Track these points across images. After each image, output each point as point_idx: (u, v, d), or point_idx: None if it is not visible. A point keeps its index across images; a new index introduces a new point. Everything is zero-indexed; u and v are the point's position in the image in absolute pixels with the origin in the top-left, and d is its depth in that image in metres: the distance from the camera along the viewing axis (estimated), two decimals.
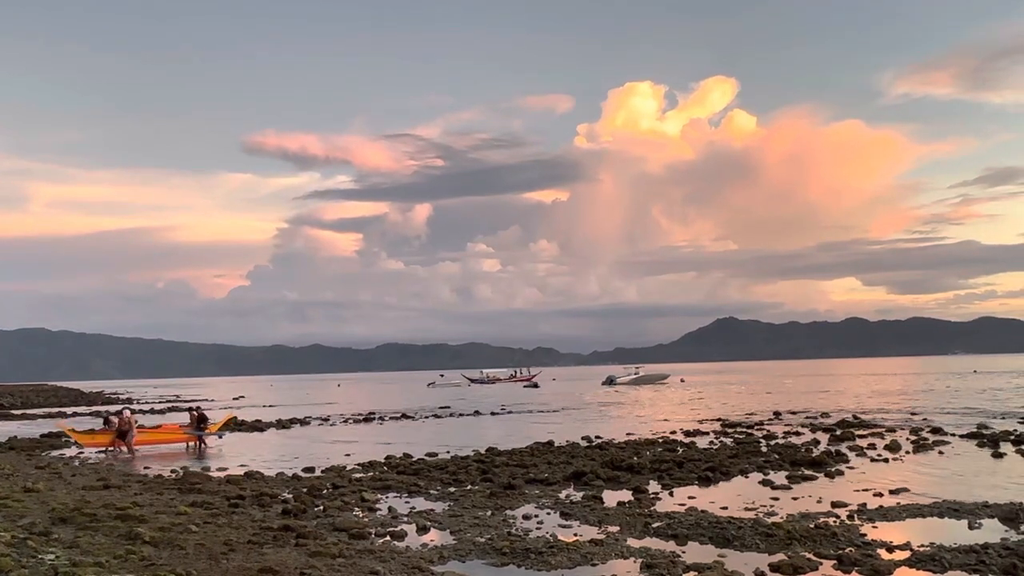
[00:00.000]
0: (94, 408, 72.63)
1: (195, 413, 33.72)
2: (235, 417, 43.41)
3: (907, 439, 28.69)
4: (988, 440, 27.66)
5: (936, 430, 31.76)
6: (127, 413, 31.88)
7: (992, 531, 13.82)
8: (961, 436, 29.52)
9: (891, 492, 17.87)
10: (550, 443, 29.35)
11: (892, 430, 32.60)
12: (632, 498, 17.91)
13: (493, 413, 53.10)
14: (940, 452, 25.49)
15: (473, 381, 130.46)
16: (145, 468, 25.49)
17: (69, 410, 69.99)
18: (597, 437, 31.87)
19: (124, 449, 29.87)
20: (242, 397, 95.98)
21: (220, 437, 33.57)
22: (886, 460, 23.78)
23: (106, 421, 32.96)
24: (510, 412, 53.91)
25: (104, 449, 30.38)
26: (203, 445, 31.88)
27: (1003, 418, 37.14)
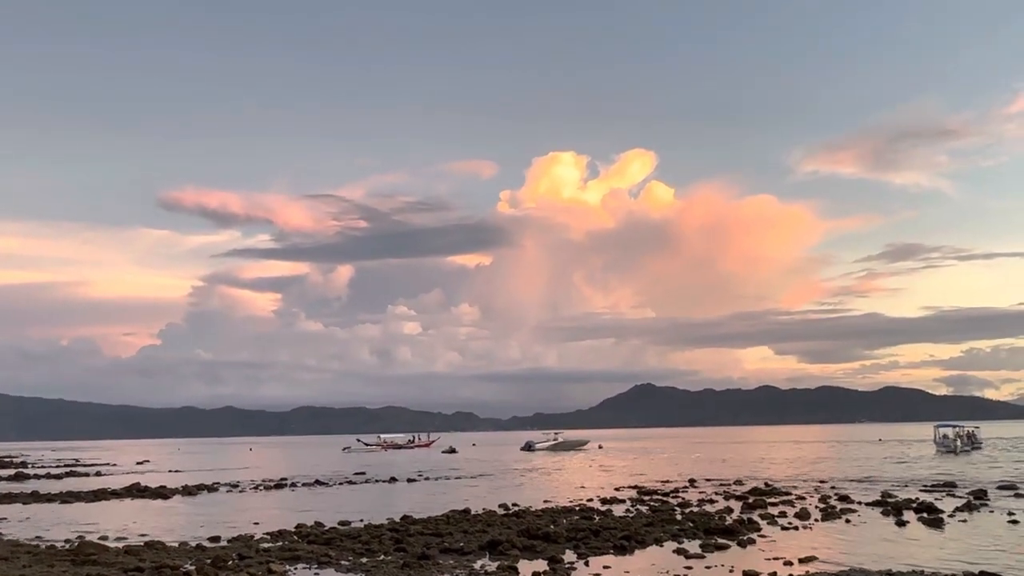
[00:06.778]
0: None
1: None
2: None
3: (816, 507, 29.38)
4: (892, 508, 28.56)
5: (843, 498, 32.62)
6: None
7: None
8: (867, 504, 30.37)
9: (800, 560, 18.21)
10: (466, 511, 28.97)
11: (802, 498, 33.34)
12: (547, 568, 17.79)
13: (410, 480, 52.18)
14: (847, 520, 26.16)
15: (369, 446, 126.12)
16: (37, 538, 24.09)
17: None
18: (514, 504, 31.62)
19: None
20: (147, 461, 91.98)
21: None
22: (796, 528, 24.28)
23: None
24: (427, 478, 53.11)
25: None
26: None
27: (906, 486, 38.40)
